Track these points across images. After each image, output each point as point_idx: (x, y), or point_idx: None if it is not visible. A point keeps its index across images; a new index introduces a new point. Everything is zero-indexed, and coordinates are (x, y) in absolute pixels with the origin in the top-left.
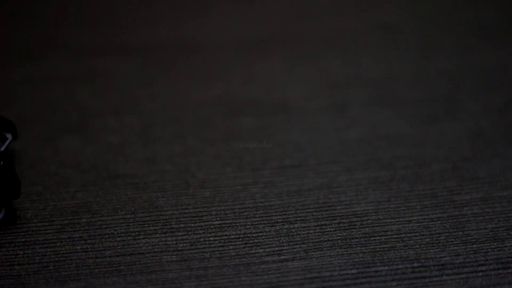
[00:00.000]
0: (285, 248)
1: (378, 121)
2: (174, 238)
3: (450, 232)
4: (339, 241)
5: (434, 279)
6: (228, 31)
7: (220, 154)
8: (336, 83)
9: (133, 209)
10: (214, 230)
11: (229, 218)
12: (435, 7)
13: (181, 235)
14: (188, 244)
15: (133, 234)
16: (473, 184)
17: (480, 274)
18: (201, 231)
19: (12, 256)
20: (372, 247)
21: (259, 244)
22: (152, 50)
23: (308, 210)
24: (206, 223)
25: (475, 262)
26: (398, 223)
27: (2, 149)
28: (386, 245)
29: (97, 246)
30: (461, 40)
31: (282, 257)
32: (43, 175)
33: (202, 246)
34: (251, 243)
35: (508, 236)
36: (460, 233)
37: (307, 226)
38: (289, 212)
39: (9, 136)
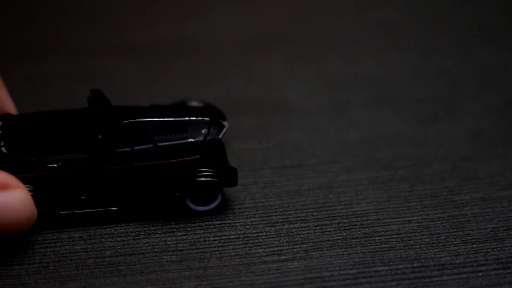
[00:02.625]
0: (285, 248)
1: (378, 121)
2: (174, 238)
3: (450, 232)
4: (339, 241)
5: (434, 279)
6: (228, 31)
7: None
8: (336, 83)
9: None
10: (214, 230)
11: (229, 218)
12: (435, 7)
13: (181, 235)
14: (188, 244)
15: (133, 234)
16: (473, 184)
17: (480, 274)
18: (201, 231)
19: (12, 256)
20: (372, 247)
21: (259, 244)
22: (152, 50)
23: (308, 210)
24: (206, 223)
25: (475, 262)
26: (398, 223)
27: (220, 136)
28: (386, 245)
29: (97, 246)
30: (461, 40)
31: (282, 257)
32: None
33: (202, 246)
34: (251, 243)
35: (508, 236)
36: (460, 233)
37: (307, 226)
38: (289, 212)
39: (226, 124)
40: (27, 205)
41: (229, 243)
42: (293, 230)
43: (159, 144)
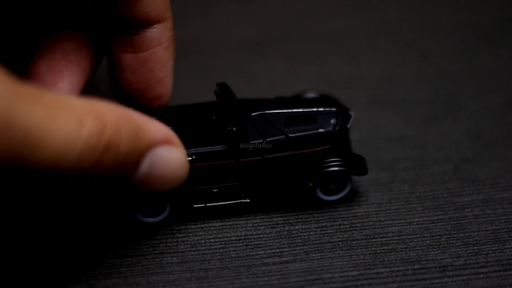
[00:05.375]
0: (286, 249)
1: (378, 122)
2: (174, 240)
3: (451, 233)
4: (340, 242)
5: (435, 281)
6: (229, 31)
7: None
8: (337, 84)
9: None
10: (214, 231)
11: (230, 219)
12: (435, 8)
13: (182, 236)
14: (189, 245)
15: (134, 236)
16: (474, 186)
17: (481, 276)
18: (202, 233)
19: (12, 258)
20: (373, 248)
21: (259, 245)
22: None
23: (309, 211)
24: (206, 225)
25: (476, 264)
26: (399, 224)
27: (348, 126)
28: (387, 247)
29: (98, 247)
30: (461, 41)
31: (283, 258)
32: None
33: (203, 247)
34: (251, 244)
35: (509, 238)
36: (461, 234)
37: (308, 228)
38: (290, 214)
39: (351, 113)
40: (184, 165)
41: (230, 245)
42: (294, 231)
43: (291, 135)
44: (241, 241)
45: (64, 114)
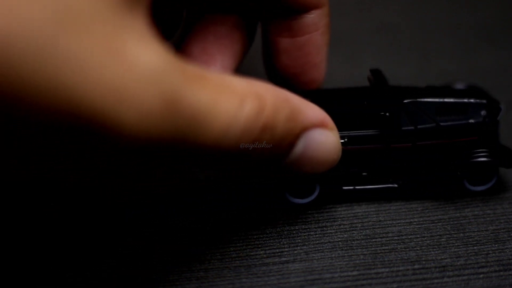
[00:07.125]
0: (286, 249)
1: None
2: (175, 240)
3: (451, 233)
4: (340, 242)
5: (435, 281)
6: None
7: None
8: (337, 84)
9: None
10: (215, 231)
11: (230, 219)
12: (436, 8)
13: (182, 236)
14: (189, 245)
15: (134, 236)
16: None
17: (481, 276)
18: (202, 233)
19: (13, 257)
20: (373, 248)
21: (260, 245)
22: None
23: (309, 211)
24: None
25: (476, 264)
26: (399, 224)
27: (499, 118)
28: (387, 247)
29: (98, 247)
30: (461, 41)
31: (283, 258)
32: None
33: (203, 247)
34: (252, 244)
35: (509, 238)
36: (461, 234)
37: (308, 228)
38: (290, 214)
39: (501, 106)
40: (337, 149)
41: (230, 245)
42: (294, 231)
43: (442, 124)
44: (241, 241)
45: (227, 94)
